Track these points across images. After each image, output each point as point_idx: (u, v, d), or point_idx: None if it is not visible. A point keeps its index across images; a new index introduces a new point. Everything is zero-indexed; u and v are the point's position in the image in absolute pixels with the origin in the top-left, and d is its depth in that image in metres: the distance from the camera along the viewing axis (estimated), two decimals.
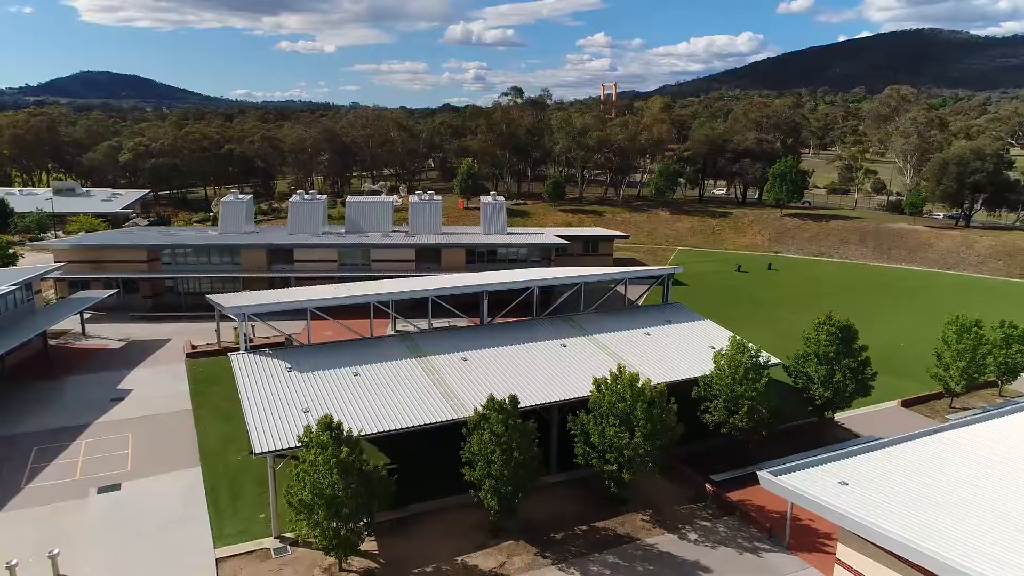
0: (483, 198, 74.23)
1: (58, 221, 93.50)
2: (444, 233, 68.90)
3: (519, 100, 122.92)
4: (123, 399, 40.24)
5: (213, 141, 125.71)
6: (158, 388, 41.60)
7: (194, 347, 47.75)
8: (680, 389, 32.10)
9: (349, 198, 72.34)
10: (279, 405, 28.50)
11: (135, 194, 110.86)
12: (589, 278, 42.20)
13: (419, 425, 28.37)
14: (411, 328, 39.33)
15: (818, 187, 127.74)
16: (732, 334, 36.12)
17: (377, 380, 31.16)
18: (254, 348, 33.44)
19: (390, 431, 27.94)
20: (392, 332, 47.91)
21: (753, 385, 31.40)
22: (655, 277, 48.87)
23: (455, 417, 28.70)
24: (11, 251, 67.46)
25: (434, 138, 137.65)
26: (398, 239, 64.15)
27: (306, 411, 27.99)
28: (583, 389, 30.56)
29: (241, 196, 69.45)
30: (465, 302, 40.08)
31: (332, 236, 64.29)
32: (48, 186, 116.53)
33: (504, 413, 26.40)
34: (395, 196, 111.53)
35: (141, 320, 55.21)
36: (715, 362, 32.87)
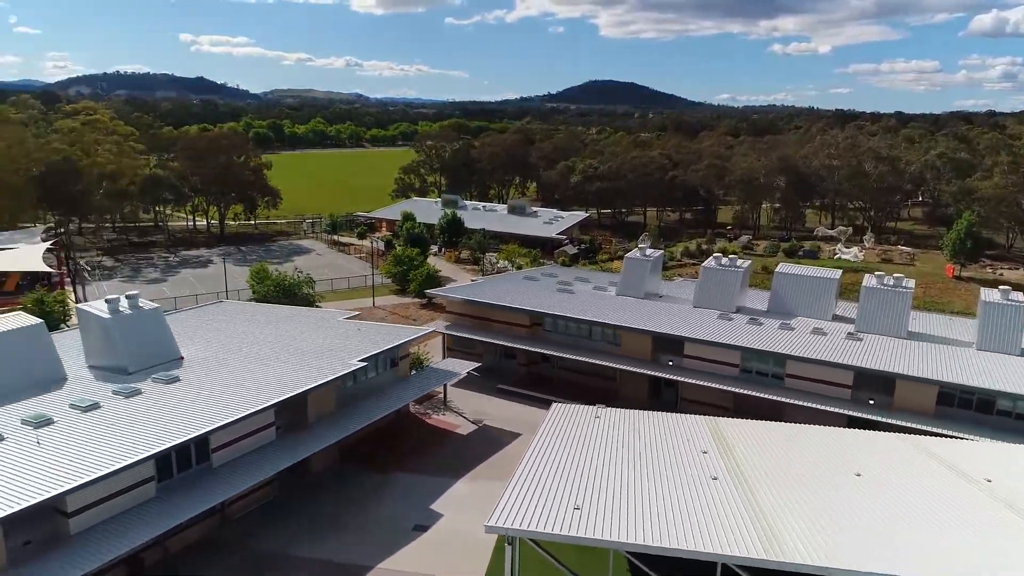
0: (985, 293, 49.46)
1: (500, 242, 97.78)
2: (910, 336, 47.50)
3: None
4: (426, 530, 33.39)
5: (658, 165, 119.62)
6: (467, 523, 33.56)
7: None
8: None
9: (779, 269, 55.78)
10: None
11: (575, 217, 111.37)
12: None
13: None
14: None
15: None
16: None
17: None
18: None
19: None
20: None
21: None
22: None
23: None
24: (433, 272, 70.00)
25: (925, 173, 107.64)
26: (834, 340, 45.75)
27: None
28: None
29: (649, 252, 59.13)
30: None
31: (743, 322, 49.21)
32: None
33: None
34: (855, 249, 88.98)
35: (506, 395, 49.38)
36: None
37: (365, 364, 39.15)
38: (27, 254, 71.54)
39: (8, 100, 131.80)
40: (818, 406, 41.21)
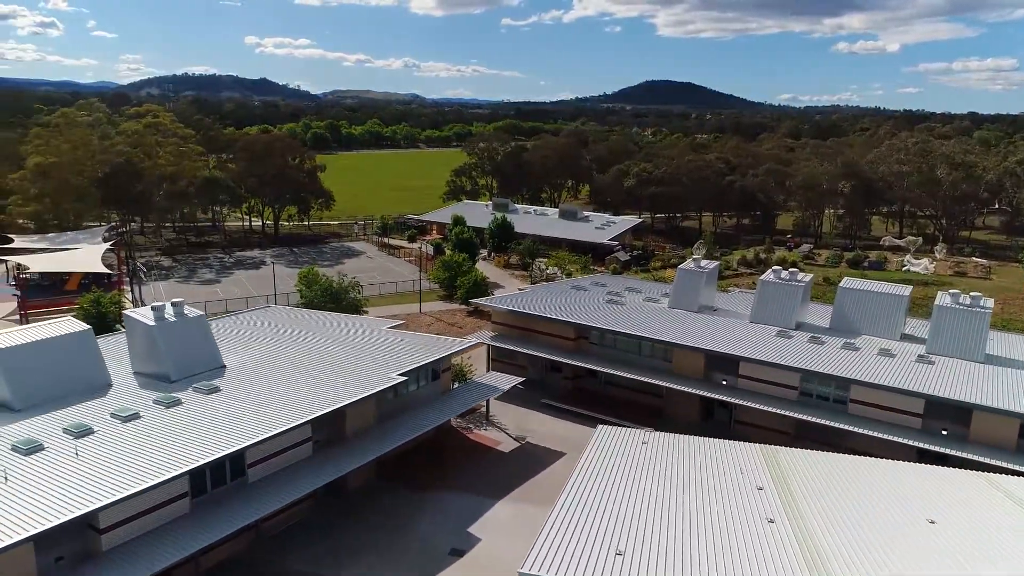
0: None
1: (548, 247, 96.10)
2: (987, 360, 43.90)
3: None
4: (463, 555, 32.17)
5: (715, 170, 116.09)
6: (506, 549, 32.18)
7: None
8: None
9: (843, 284, 52.62)
10: None
11: (628, 223, 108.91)
12: None
13: None
14: None
15: None
16: None
17: None
18: None
19: None
20: None
21: None
22: None
23: None
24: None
25: (1004, 180, 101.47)
26: (903, 363, 42.64)
27: None
28: None
29: (703, 264, 56.66)
30: None
31: (803, 340, 46.46)
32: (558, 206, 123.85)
33: None
34: (925, 261, 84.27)
35: (550, 411, 47.88)
36: None
37: (405, 379, 38.17)
38: (88, 255, 73.47)
39: (76, 103, 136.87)
40: (884, 436, 38.44)
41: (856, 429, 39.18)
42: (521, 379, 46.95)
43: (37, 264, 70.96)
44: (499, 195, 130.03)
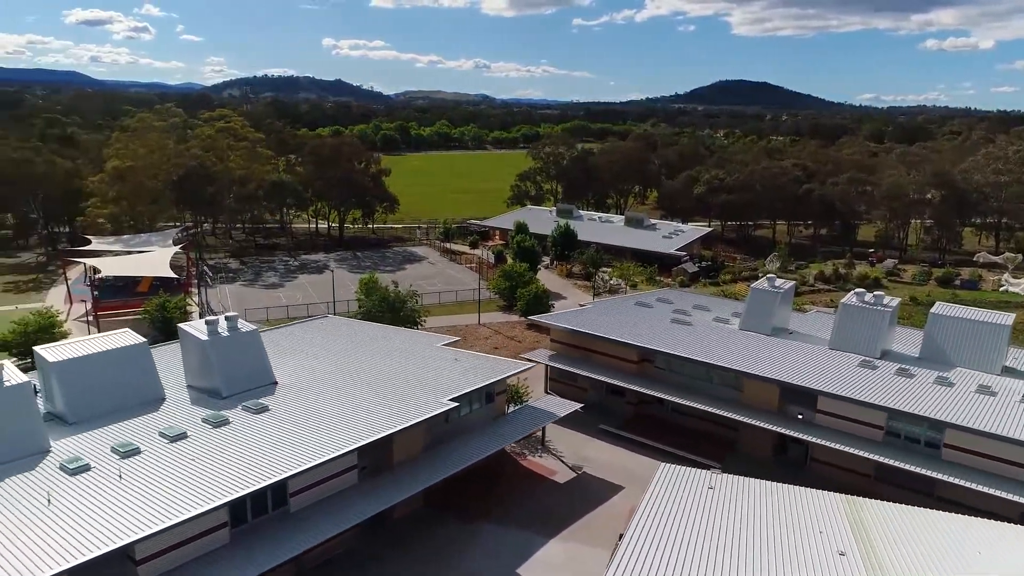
0: None
1: (613, 257, 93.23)
2: None
3: None
4: None
5: (791, 178, 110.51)
6: None
7: None
8: None
9: (935, 310, 48.04)
10: None
11: (696, 232, 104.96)
12: None
13: None
14: None
15: None
16: None
17: None
18: None
19: None
20: None
21: None
22: None
23: None
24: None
25: None
26: (1006, 404, 38.24)
27: None
28: None
29: (778, 283, 52.96)
30: None
31: (889, 372, 42.42)
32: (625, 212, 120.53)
33: None
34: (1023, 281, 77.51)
35: (610, 438, 45.38)
36: None
37: (457, 404, 36.46)
38: (158, 257, 75.09)
39: (153, 108, 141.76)
40: (983, 488, 34.41)
41: (950, 479, 35.26)
42: (580, 405, 44.50)
43: (107, 267, 72.90)
44: (564, 200, 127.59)
